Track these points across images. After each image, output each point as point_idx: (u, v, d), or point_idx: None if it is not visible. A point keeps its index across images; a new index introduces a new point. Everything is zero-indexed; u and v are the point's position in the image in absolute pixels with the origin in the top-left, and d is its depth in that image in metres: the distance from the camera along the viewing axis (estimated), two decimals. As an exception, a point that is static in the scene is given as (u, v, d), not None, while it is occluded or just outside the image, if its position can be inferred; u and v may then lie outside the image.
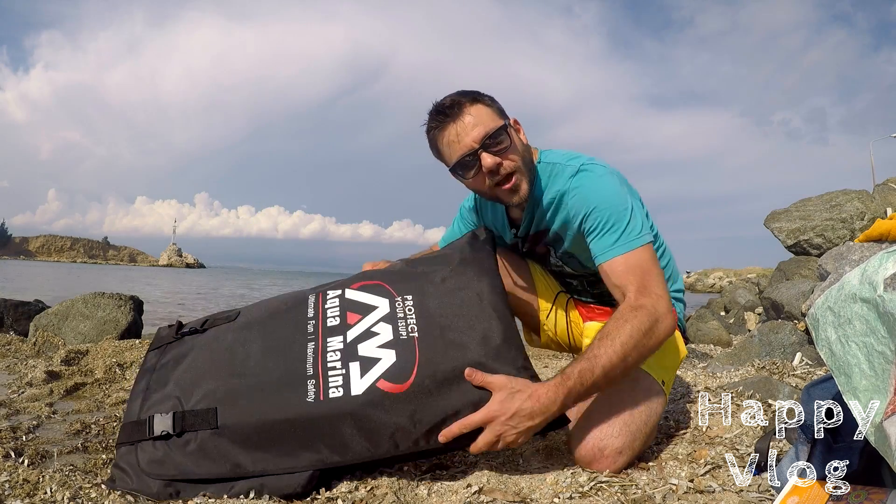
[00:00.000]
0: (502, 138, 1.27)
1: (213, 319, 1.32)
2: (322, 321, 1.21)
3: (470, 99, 1.30)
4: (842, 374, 0.75)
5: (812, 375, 1.92)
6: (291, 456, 1.06)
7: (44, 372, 2.08)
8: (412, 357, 1.11)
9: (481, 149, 1.26)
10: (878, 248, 3.85)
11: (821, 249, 6.03)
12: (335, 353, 1.14)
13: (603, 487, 1.06)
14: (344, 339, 1.17)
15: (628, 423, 1.15)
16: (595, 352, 1.10)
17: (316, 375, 1.12)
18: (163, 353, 1.28)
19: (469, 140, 1.26)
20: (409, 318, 1.17)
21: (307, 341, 1.18)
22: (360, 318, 1.19)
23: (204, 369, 1.18)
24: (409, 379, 1.08)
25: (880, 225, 4.04)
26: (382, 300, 1.22)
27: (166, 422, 1.10)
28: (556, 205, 1.37)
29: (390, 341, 1.14)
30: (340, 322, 1.20)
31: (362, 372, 1.10)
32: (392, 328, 1.16)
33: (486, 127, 1.26)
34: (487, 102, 1.31)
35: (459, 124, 1.27)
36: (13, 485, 1.02)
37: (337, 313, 1.22)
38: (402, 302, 1.20)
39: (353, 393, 1.08)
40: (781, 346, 2.77)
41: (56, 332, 3.15)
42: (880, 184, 7.54)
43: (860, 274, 0.75)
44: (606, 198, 1.28)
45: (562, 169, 1.37)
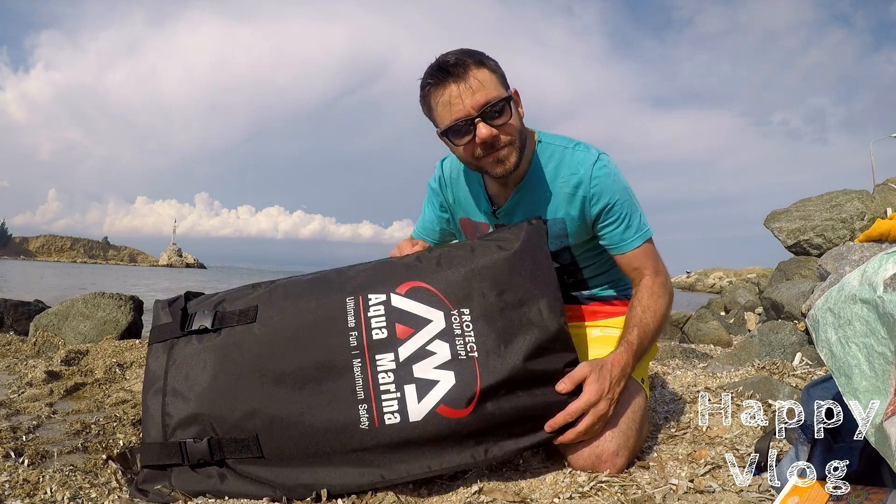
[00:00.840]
0: (503, 110, 1.23)
1: (224, 315, 1.16)
2: (366, 333, 1.09)
3: (476, 61, 1.22)
4: (842, 375, 0.75)
5: (812, 375, 1.92)
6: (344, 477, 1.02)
7: (44, 372, 2.08)
8: (473, 379, 1.04)
9: (479, 117, 1.21)
10: (878, 248, 3.85)
11: (821, 249, 6.03)
12: (387, 375, 1.05)
13: (603, 487, 1.06)
14: (396, 357, 1.07)
15: (618, 424, 1.15)
16: (644, 320, 1.27)
17: (368, 399, 1.04)
18: (170, 350, 1.15)
19: (468, 105, 1.20)
20: (468, 336, 1.08)
21: (351, 357, 1.07)
22: (411, 333, 1.08)
23: (231, 387, 1.08)
24: (471, 403, 1.03)
25: (880, 225, 4.04)
26: (436, 312, 1.10)
27: (201, 449, 1.04)
28: (573, 189, 1.33)
29: (448, 361, 1.06)
30: (389, 336, 1.08)
31: (419, 396, 1.03)
32: (449, 346, 1.07)
33: (489, 95, 1.21)
34: (493, 67, 1.25)
35: (461, 86, 1.20)
36: (13, 485, 1.02)
37: (383, 324, 1.09)
38: (459, 316, 1.10)
39: (411, 419, 1.02)
40: (781, 346, 2.77)
41: (56, 332, 3.16)
42: (880, 184, 7.54)
43: (860, 275, 0.75)
44: (623, 191, 1.35)
45: (572, 151, 1.35)
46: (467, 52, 1.25)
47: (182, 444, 1.06)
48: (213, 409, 1.07)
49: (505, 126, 1.24)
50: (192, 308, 1.20)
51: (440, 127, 1.27)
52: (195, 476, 1.06)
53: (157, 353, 1.16)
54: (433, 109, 1.27)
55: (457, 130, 1.23)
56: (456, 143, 1.26)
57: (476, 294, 1.12)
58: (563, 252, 1.44)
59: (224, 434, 1.05)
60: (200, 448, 1.05)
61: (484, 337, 1.08)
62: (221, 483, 1.04)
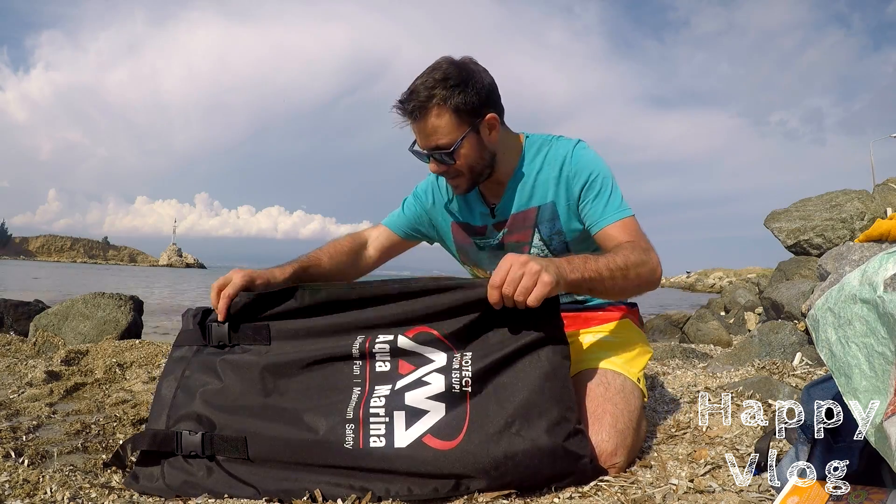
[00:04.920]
0: (448, 157, 1.35)
1: (242, 333, 1.22)
2: (370, 366, 1.12)
3: (440, 100, 1.29)
4: (842, 375, 0.75)
5: (812, 375, 1.92)
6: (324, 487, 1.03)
7: (44, 372, 2.08)
8: (462, 412, 1.05)
9: (428, 156, 1.37)
10: (878, 248, 3.85)
11: (821, 249, 6.03)
12: (380, 400, 1.07)
13: (603, 487, 1.06)
14: (392, 386, 1.09)
15: (614, 423, 1.16)
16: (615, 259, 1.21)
17: (356, 420, 1.05)
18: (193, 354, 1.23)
19: (422, 143, 1.36)
20: (465, 370, 1.07)
21: (353, 384, 1.11)
22: (412, 370, 1.11)
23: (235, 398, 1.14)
24: (458, 437, 1.02)
25: (880, 225, 4.04)
26: (440, 354, 1.12)
27: (195, 441, 1.10)
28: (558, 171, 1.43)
29: (441, 393, 1.06)
30: (391, 369, 1.12)
31: (407, 423, 1.04)
32: (445, 378, 1.07)
33: (439, 141, 1.34)
34: (456, 107, 1.30)
35: (419, 125, 1.34)
36: (13, 485, 1.02)
37: (388, 358, 1.13)
38: (461, 357, 1.10)
39: (395, 445, 1.03)
40: (781, 346, 2.77)
41: (56, 332, 3.16)
42: (880, 184, 7.54)
43: (860, 275, 0.75)
44: (603, 168, 1.43)
45: (555, 141, 1.48)
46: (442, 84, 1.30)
47: (178, 434, 1.11)
48: (213, 411, 1.13)
49: (452, 166, 1.37)
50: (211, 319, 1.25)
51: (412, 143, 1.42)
52: (185, 466, 1.10)
53: (181, 352, 1.24)
54: None
55: (417, 153, 1.41)
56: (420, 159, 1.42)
57: (482, 343, 1.12)
58: (556, 237, 1.48)
59: (217, 432, 1.10)
60: (194, 440, 1.10)
61: (482, 374, 1.07)
62: (207, 477, 1.08)
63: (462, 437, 1.02)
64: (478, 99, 1.33)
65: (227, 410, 1.12)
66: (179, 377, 1.19)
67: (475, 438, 1.02)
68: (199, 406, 1.14)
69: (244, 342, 1.21)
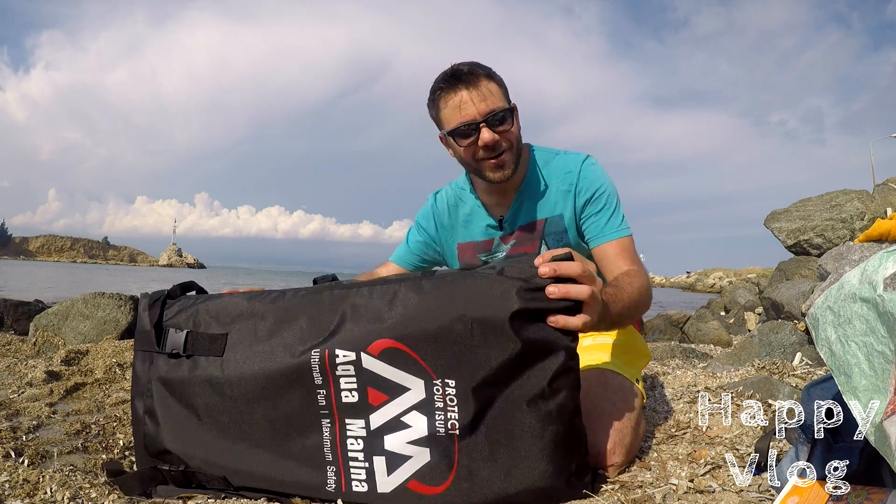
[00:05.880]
0: (506, 119, 1.35)
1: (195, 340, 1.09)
2: (335, 394, 0.98)
3: (486, 73, 1.36)
4: (842, 374, 0.75)
5: (812, 375, 1.92)
6: None
7: (44, 372, 2.08)
8: (451, 458, 0.95)
9: (483, 123, 1.33)
10: (878, 248, 3.85)
11: (821, 249, 6.03)
12: (356, 441, 0.98)
13: (603, 487, 1.06)
14: (367, 424, 0.97)
15: (613, 423, 1.16)
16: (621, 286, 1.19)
17: (336, 462, 0.99)
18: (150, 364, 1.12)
19: (475, 111, 1.33)
20: (451, 411, 0.94)
21: (320, 417, 1.00)
22: (385, 400, 0.97)
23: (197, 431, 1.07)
24: (445, 482, 0.95)
25: (880, 225, 4.04)
26: (415, 381, 0.95)
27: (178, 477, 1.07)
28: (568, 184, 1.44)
29: (424, 438, 0.95)
30: (360, 399, 0.97)
31: (389, 469, 0.97)
32: (427, 420, 0.95)
33: (495, 104, 1.34)
34: (499, 82, 1.38)
35: (472, 92, 1.33)
36: (13, 485, 1.02)
37: (354, 386, 0.97)
38: (443, 388, 0.94)
39: (378, 490, 0.97)
40: (781, 346, 2.77)
41: (56, 332, 3.16)
42: (880, 184, 7.54)
43: (860, 273, 0.75)
44: (609, 185, 1.45)
45: (563, 156, 1.50)
46: (479, 65, 1.37)
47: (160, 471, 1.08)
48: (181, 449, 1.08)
49: (506, 133, 1.36)
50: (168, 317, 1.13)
51: (446, 128, 1.38)
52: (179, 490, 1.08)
53: (140, 362, 1.14)
54: (440, 111, 1.38)
55: (462, 132, 1.35)
56: (459, 143, 1.37)
57: (465, 364, 0.93)
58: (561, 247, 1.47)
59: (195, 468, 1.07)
60: (177, 476, 1.08)
61: (470, 413, 0.94)
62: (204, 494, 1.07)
63: (450, 483, 0.95)
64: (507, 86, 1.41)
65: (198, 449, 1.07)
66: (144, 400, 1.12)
67: (464, 484, 0.94)
68: (170, 440, 1.08)
69: (199, 352, 1.08)
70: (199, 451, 1.07)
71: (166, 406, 1.09)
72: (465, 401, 0.94)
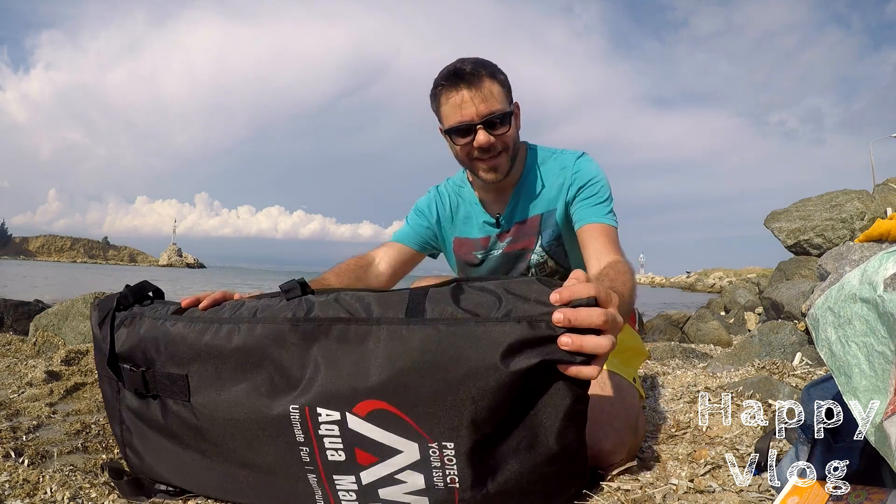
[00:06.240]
0: (504, 122, 1.35)
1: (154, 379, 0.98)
2: (319, 451, 0.88)
3: (489, 73, 1.34)
4: (842, 375, 0.75)
5: (812, 375, 1.92)
6: None
7: (44, 372, 2.08)
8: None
9: (481, 124, 1.34)
10: (879, 248, 3.85)
11: (821, 249, 6.03)
12: (349, 494, 0.90)
13: (603, 487, 1.06)
14: (357, 480, 0.89)
15: (611, 423, 1.16)
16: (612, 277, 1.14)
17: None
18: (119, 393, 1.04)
19: (474, 112, 1.33)
20: (449, 469, 0.85)
21: (306, 472, 0.90)
22: (375, 461, 0.87)
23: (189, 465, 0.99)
24: None
25: (880, 225, 4.04)
26: (409, 444, 0.85)
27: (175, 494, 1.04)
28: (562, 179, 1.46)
29: (422, 490, 0.87)
30: (347, 459, 0.87)
31: None
32: (424, 477, 0.86)
33: (494, 106, 1.34)
34: (502, 82, 1.37)
35: (473, 92, 1.32)
36: (13, 485, 1.02)
37: (339, 446, 0.87)
38: (440, 450, 0.84)
39: None
40: (781, 346, 2.77)
41: (56, 332, 3.16)
42: (880, 184, 7.54)
43: (860, 274, 0.75)
44: (602, 177, 1.47)
45: (559, 154, 1.51)
46: (482, 63, 1.36)
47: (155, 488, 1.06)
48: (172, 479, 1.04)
49: (502, 136, 1.36)
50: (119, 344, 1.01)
51: (444, 125, 1.39)
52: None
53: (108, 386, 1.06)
54: (441, 106, 1.39)
55: (459, 131, 1.36)
56: (456, 142, 1.38)
57: (463, 425, 0.82)
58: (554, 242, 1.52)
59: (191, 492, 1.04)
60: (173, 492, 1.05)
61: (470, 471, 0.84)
62: None
63: None
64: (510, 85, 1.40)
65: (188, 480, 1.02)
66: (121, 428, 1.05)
67: None
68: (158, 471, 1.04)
69: (162, 394, 0.98)
70: (191, 481, 1.02)
71: (146, 439, 1.03)
72: (465, 459, 0.84)
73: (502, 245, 1.53)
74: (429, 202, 1.64)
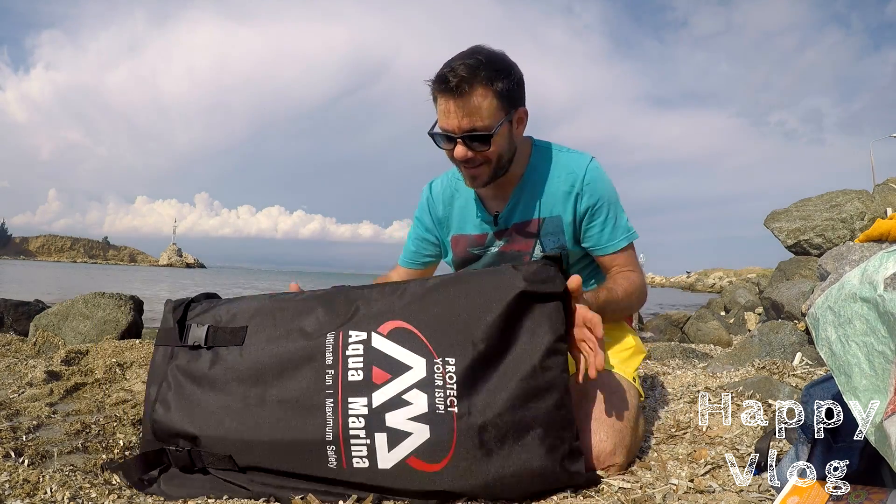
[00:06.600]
0: (484, 140, 1.30)
1: (216, 333, 1.16)
2: (342, 373, 1.04)
3: (485, 79, 1.25)
4: (842, 374, 0.75)
5: (812, 375, 1.92)
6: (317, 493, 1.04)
7: (44, 372, 2.08)
8: (449, 436, 0.99)
9: (460, 138, 1.30)
10: (879, 248, 3.85)
11: (821, 249, 6.03)
12: (358, 420, 1.01)
13: (603, 488, 1.06)
14: (369, 402, 1.02)
15: (613, 423, 1.16)
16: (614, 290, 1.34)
17: (336, 441, 1.01)
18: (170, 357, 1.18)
19: (455, 124, 1.28)
20: (450, 388, 1.00)
21: (325, 397, 1.04)
22: (388, 379, 1.02)
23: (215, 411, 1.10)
24: (444, 459, 0.99)
25: (880, 225, 4.04)
26: (418, 359, 1.03)
27: (183, 457, 1.09)
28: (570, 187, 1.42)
29: (424, 414, 1.00)
30: (364, 378, 1.03)
31: (390, 445, 1.00)
32: (427, 398, 1.00)
33: (477, 123, 1.27)
34: (499, 91, 1.27)
35: (458, 103, 1.26)
36: (13, 485, 1.02)
37: (360, 366, 1.04)
38: (443, 366, 1.01)
39: (379, 466, 1.00)
40: (781, 346, 2.77)
41: (56, 332, 3.16)
42: (880, 184, 7.55)
43: (860, 273, 0.75)
44: (612, 193, 1.44)
45: (566, 155, 1.46)
46: (485, 66, 1.26)
47: (167, 451, 1.11)
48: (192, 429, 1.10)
49: (484, 152, 1.32)
50: (191, 316, 1.20)
51: (433, 126, 1.36)
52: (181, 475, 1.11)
53: (160, 355, 1.20)
54: (434, 104, 1.35)
55: (441, 137, 1.34)
56: (439, 146, 1.37)
57: (465, 342, 1.03)
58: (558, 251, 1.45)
59: (202, 448, 1.09)
60: (182, 456, 1.10)
61: (468, 390, 1.00)
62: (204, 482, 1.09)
63: (449, 460, 0.98)
64: (516, 89, 1.33)
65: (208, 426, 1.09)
66: (159, 387, 1.15)
67: (462, 462, 0.98)
68: (179, 420, 1.11)
69: (219, 343, 1.15)
70: (210, 430, 1.08)
71: (181, 391, 1.13)
72: (463, 377, 1.01)
73: (499, 243, 1.50)
74: (422, 208, 1.63)
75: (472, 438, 0.99)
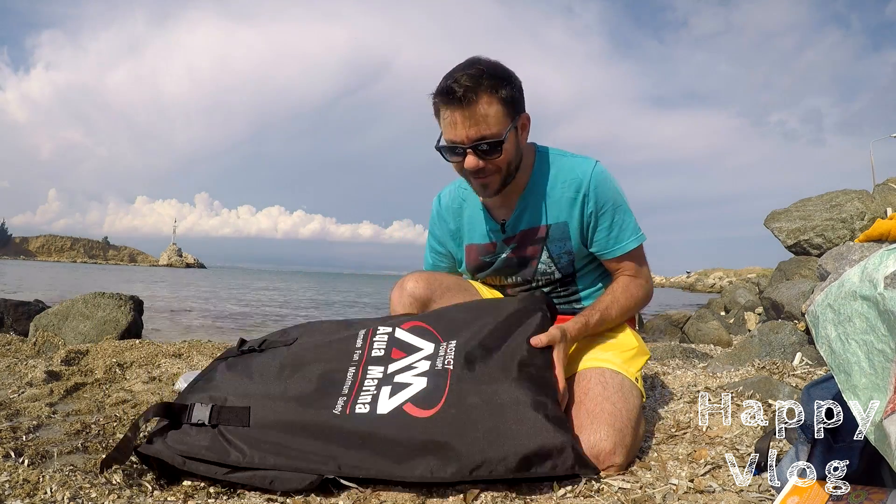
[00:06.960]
0: (495, 148, 1.29)
1: (271, 341, 1.38)
2: (368, 352, 1.27)
3: (489, 88, 1.26)
4: (841, 372, 0.75)
5: (812, 375, 1.92)
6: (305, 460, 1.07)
7: (44, 372, 2.08)
8: (443, 385, 1.14)
9: (470, 148, 1.29)
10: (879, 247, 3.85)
11: (821, 249, 6.03)
12: (373, 381, 1.20)
13: (603, 488, 1.06)
14: (384, 370, 1.22)
15: (613, 423, 1.15)
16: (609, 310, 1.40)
17: (349, 395, 1.17)
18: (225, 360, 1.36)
19: (463, 135, 1.28)
20: (449, 356, 1.20)
21: (349, 366, 1.24)
22: (403, 356, 1.25)
23: (249, 383, 1.25)
24: (436, 406, 1.10)
25: (880, 225, 4.04)
26: (429, 343, 1.26)
27: (204, 412, 1.17)
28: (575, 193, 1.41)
29: (425, 371, 1.19)
30: (385, 355, 1.26)
31: (391, 394, 1.15)
32: (430, 363, 1.21)
33: (486, 132, 1.27)
34: (505, 96, 1.28)
35: (466, 114, 1.25)
36: (13, 485, 1.02)
37: (383, 346, 1.27)
38: (447, 344, 1.24)
39: (378, 412, 1.12)
40: (781, 346, 2.77)
41: (56, 332, 3.16)
42: (880, 184, 7.54)
43: (860, 271, 0.75)
44: (618, 196, 1.44)
45: (571, 161, 1.45)
46: (487, 75, 1.26)
47: (190, 406, 1.19)
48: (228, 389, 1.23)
49: (495, 160, 1.31)
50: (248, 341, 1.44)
51: (438, 140, 1.35)
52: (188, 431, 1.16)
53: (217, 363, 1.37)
54: (437, 117, 1.34)
55: (449, 150, 1.33)
56: (447, 159, 1.36)
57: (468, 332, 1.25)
58: (565, 256, 1.48)
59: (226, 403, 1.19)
60: (203, 410, 1.17)
61: (464, 356, 1.18)
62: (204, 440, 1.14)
63: (440, 407, 1.10)
64: (518, 95, 1.33)
65: (239, 392, 1.22)
66: (205, 373, 1.32)
67: (452, 410, 1.09)
68: (213, 389, 1.24)
69: (272, 346, 1.35)
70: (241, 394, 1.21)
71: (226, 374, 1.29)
72: (461, 350, 1.21)
73: (508, 249, 1.51)
74: (434, 222, 1.64)
75: (462, 390, 1.12)
